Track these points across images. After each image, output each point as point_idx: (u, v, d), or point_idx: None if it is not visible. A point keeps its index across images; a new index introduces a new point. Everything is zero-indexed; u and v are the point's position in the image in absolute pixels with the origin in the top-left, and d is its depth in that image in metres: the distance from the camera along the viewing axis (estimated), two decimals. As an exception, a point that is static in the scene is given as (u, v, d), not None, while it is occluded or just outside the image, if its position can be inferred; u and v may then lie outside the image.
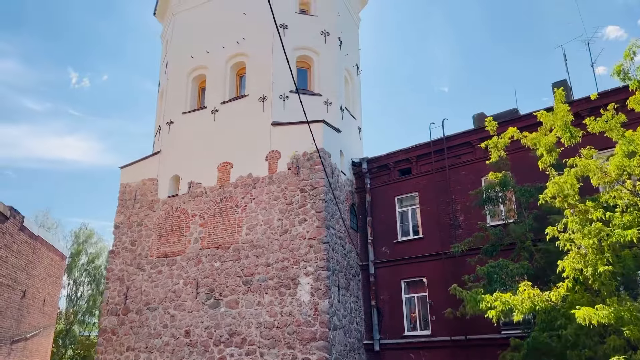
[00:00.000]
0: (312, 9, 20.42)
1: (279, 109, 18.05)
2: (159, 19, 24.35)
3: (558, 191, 8.54)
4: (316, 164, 16.53)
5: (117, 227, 19.31)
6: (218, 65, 19.88)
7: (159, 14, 24.04)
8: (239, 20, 19.77)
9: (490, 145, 11.73)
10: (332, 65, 19.56)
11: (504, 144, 11.52)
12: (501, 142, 11.52)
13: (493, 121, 11.70)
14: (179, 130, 19.77)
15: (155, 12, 24.11)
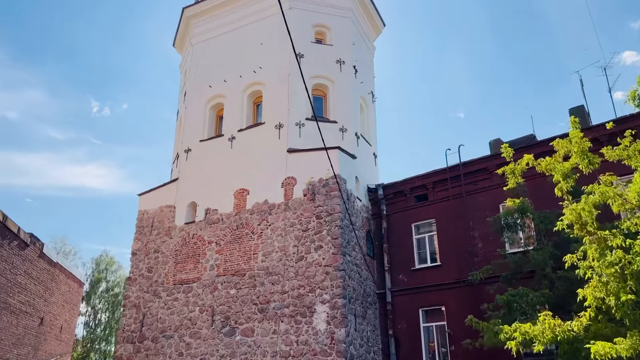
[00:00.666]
0: (328, 38, 20.79)
1: (294, 136, 18.22)
2: (178, 49, 24.99)
3: (575, 218, 8.37)
4: (332, 190, 16.56)
5: (134, 254, 19.45)
6: (235, 94, 20.24)
7: (178, 44, 24.69)
8: (256, 50, 20.20)
9: (507, 172, 11.62)
10: (348, 93, 19.76)
11: (520, 170, 11.40)
12: (518, 169, 11.41)
13: (509, 147, 11.63)
14: (196, 157, 20.03)
15: (174, 43, 24.77)
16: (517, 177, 11.51)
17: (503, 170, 11.78)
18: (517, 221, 13.49)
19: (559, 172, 9.48)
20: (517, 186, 11.86)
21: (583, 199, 8.65)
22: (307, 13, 20.50)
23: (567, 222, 8.63)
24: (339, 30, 20.89)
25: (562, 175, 9.43)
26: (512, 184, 11.63)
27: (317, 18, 20.73)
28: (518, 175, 11.51)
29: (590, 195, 8.59)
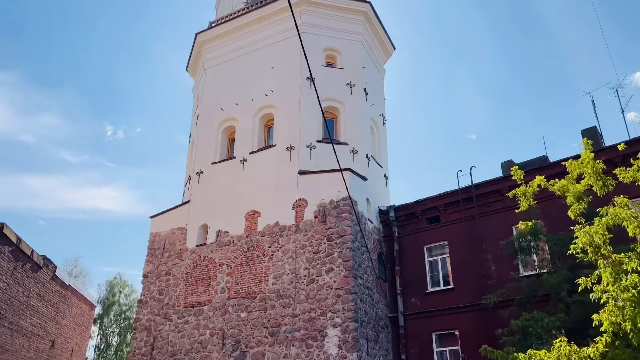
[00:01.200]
0: (338, 62, 21.01)
1: (305, 158, 18.28)
2: (191, 73, 25.41)
3: (589, 241, 8.22)
4: (343, 212, 16.52)
5: (146, 277, 19.47)
6: (247, 117, 20.45)
7: (191, 69, 25.11)
8: (268, 74, 20.47)
9: (519, 194, 11.53)
10: (358, 115, 19.87)
11: (532, 192, 11.30)
12: (529, 191, 11.30)
13: (521, 169, 11.55)
14: (208, 180, 20.16)
15: (187, 67, 25.21)
16: (529, 200, 11.39)
17: (514, 193, 11.68)
18: (530, 244, 13.30)
19: (572, 194, 9.36)
20: (530, 208, 11.73)
21: (596, 222, 8.51)
22: (318, 37, 20.78)
23: (580, 245, 8.48)
24: (350, 53, 21.11)
25: (576, 197, 9.31)
26: (524, 207, 11.51)
27: (328, 42, 21.00)
28: (530, 197, 11.39)
29: (604, 217, 8.44)
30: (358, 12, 21.87)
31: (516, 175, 11.43)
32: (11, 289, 19.41)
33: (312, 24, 20.91)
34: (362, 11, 21.92)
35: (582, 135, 16.60)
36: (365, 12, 21.98)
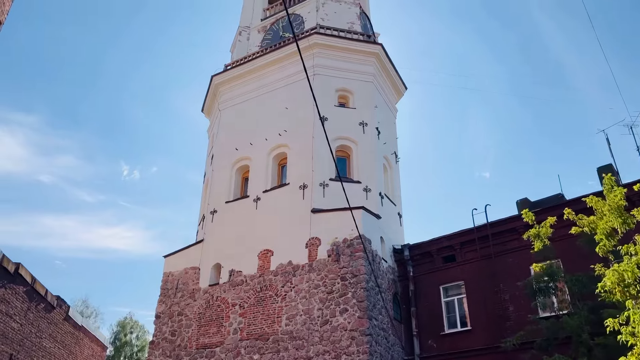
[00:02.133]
0: (351, 102, 21.32)
1: (319, 197, 18.32)
2: (206, 114, 25.92)
3: (618, 280, 7.97)
4: (357, 250, 16.37)
5: (158, 317, 19.29)
6: (261, 156, 20.67)
7: (207, 110, 25.63)
8: (281, 114, 20.81)
9: (532, 236, 11.40)
10: (371, 154, 19.98)
11: (546, 233, 11.16)
12: (543, 232, 11.17)
13: (536, 208, 11.45)
14: (222, 219, 20.22)
15: (203, 108, 25.74)
16: (543, 240, 11.24)
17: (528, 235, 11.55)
18: (549, 285, 12.97)
19: (601, 230, 9.18)
20: (545, 248, 11.55)
21: (626, 260, 8.28)
22: (331, 78, 21.20)
23: (609, 284, 8.19)
24: (362, 94, 21.44)
25: (605, 234, 9.12)
26: (538, 247, 11.35)
27: (341, 83, 21.38)
28: (544, 237, 11.24)
29: (634, 256, 8.22)
30: (370, 54, 22.33)
31: (527, 217, 11.34)
32: (24, 329, 19.34)
33: (325, 66, 21.36)
34: (374, 53, 22.38)
35: (598, 173, 16.45)
36: (377, 54, 22.44)
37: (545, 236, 11.16)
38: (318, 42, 21.57)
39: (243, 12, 27.50)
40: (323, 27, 22.59)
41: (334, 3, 24.05)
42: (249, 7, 27.25)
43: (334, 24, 23.01)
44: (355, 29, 23.41)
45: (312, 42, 21.49)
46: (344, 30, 22.82)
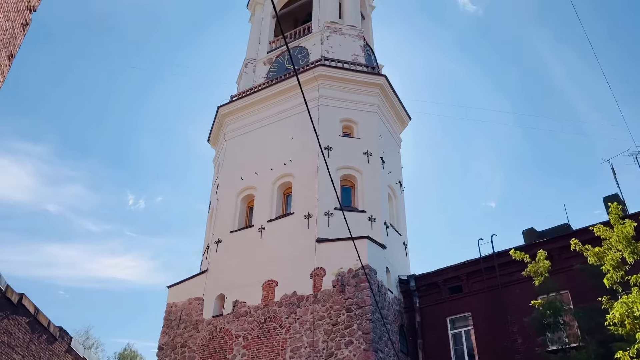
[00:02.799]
0: (355, 132, 21.48)
1: (323, 226, 18.27)
2: (212, 144, 26.15)
3: (627, 312, 7.82)
4: (362, 281, 16.20)
5: (161, 349, 19.02)
6: (266, 186, 20.74)
7: (213, 140, 25.87)
8: (286, 144, 20.97)
9: (531, 272, 11.35)
10: (375, 183, 20.00)
11: (544, 268, 11.10)
12: (542, 267, 11.11)
13: (541, 239, 11.38)
14: (226, 248, 20.15)
15: (209, 138, 25.99)
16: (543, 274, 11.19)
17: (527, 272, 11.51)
18: (557, 319, 12.74)
19: (609, 261, 9.07)
20: (548, 282, 11.46)
21: (634, 291, 8.14)
22: (335, 109, 21.44)
23: (617, 316, 8.03)
24: (366, 124, 21.62)
25: (613, 265, 9.01)
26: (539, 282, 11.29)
27: (345, 113, 21.59)
28: (544, 272, 11.19)
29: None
30: (374, 86, 22.62)
31: (517, 256, 11.34)
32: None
33: (330, 97, 21.64)
34: (378, 84, 22.68)
35: (604, 203, 16.37)
36: (381, 85, 22.73)
37: (545, 270, 11.09)
38: (323, 73, 21.91)
39: (249, 44, 28.08)
40: (328, 59, 22.99)
41: (338, 36, 24.52)
42: (255, 40, 27.84)
43: (338, 56, 23.41)
44: (360, 60, 23.79)
45: (317, 74, 21.83)
46: (348, 62, 23.19)
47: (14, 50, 6.59)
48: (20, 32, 6.49)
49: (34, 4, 6.74)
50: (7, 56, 6.28)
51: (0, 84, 6.39)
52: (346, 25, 25.26)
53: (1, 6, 5.84)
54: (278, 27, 28.31)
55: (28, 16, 6.64)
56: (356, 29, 25.22)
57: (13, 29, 6.29)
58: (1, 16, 5.92)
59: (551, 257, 12.91)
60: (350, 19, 25.95)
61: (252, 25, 29.42)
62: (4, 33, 6.09)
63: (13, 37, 6.49)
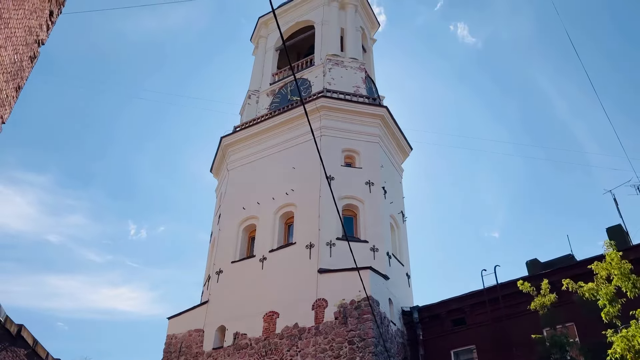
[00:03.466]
0: (357, 162, 21.60)
1: (325, 256, 18.16)
2: (215, 174, 26.28)
3: (627, 346, 7.72)
4: (364, 313, 15.99)
5: (160, 382, 18.67)
6: (267, 215, 20.73)
7: (215, 170, 26.01)
8: (289, 174, 21.07)
9: (537, 306, 11.23)
10: (378, 213, 19.98)
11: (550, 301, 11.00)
12: (547, 300, 11.02)
13: (545, 270, 11.32)
14: (227, 279, 20.00)
15: (212, 168, 26.14)
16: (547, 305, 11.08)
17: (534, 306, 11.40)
18: (563, 355, 12.50)
19: (604, 295, 8.99)
20: (553, 314, 11.33)
21: (633, 325, 8.06)
22: (337, 139, 21.62)
23: (618, 351, 7.94)
24: (368, 154, 21.76)
25: (608, 299, 8.92)
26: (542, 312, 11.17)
27: (347, 143, 21.77)
28: (548, 304, 11.08)
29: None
30: (375, 117, 22.87)
31: (523, 287, 11.24)
32: (21, 394, 18.72)
33: (331, 127, 21.87)
34: (379, 115, 22.93)
35: (607, 234, 16.30)
36: (382, 116, 22.98)
37: (550, 302, 10.99)
38: (325, 104, 22.20)
39: (252, 76, 28.58)
40: (330, 90, 23.32)
41: (340, 68, 24.93)
42: (258, 72, 28.36)
43: (340, 87, 23.76)
44: (361, 92, 24.13)
45: (319, 105, 22.11)
46: (350, 93, 23.52)
47: (21, 82, 6.73)
48: (28, 64, 6.64)
49: (43, 38, 6.92)
50: (15, 88, 6.41)
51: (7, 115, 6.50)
52: (348, 58, 25.73)
53: (10, 40, 6.00)
54: (281, 59, 28.88)
55: (36, 49, 6.80)
56: (357, 62, 25.68)
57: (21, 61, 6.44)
58: (10, 49, 6.07)
59: (556, 288, 12.77)
60: (351, 51, 26.46)
61: (256, 58, 30.01)
62: (12, 65, 6.23)
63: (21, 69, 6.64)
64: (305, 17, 29.07)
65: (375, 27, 32.21)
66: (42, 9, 6.75)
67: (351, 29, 27.82)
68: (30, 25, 6.48)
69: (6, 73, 6.13)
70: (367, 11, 31.20)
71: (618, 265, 9.15)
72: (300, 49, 29.50)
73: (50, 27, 7.02)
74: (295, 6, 29.72)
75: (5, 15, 5.80)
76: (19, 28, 6.14)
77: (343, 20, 28.20)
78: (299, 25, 29.13)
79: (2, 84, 6.10)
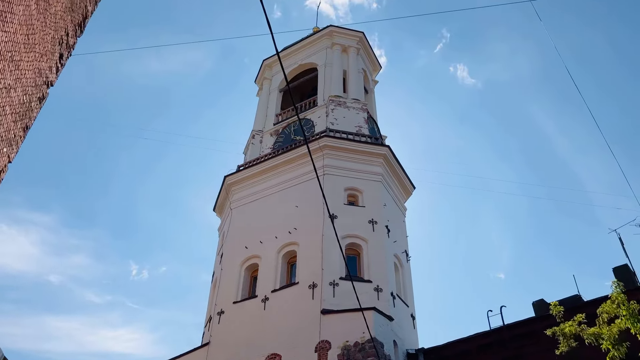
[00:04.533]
0: (360, 200, 21.63)
1: (329, 296, 17.92)
2: (218, 213, 26.29)
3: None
4: (369, 355, 15.62)
5: None
6: (270, 255, 20.60)
7: (218, 209, 26.04)
8: (291, 213, 21.06)
9: (558, 333, 10.82)
10: (381, 252, 19.82)
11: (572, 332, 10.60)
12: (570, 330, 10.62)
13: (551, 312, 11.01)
14: (229, 320, 19.68)
15: (214, 207, 26.18)
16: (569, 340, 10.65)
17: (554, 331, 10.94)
18: None
19: (608, 338, 8.79)
20: (570, 350, 10.93)
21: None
22: (340, 178, 21.73)
23: None
24: (371, 193, 21.80)
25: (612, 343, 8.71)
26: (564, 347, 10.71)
27: (350, 182, 21.87)
28: (570, 337, 10.66)
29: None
30: (378, 156, 23.05)
31: (555, 311, 10.81)
32: None
33: (334, 166, 22.02)
34: (381, 154, 23.12)
35: (614, 274, 16.06)
36: (384, 155, 23.16)
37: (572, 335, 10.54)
38: (328, 143, 22.44)
39: (257, 117, 29.05)
40: (332, 130, 23.62)
41: (342, 109, 25.33)
42: (262, 113, 28.85)
43: (342, 127, 24.07)
44: (363, 132, 24.41)
45: (322, 144, 22.34)
46: (353, 133, 23.81)
47: (29, 122, 6.86)
48: (37, 105, 6.79)
49: (52, 80, 7.10)
50: (22, 128, 6.53)
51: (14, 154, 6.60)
52: (350, 99, 26.18)
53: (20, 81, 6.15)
54: (285, 100, 29.42)
55: (45, 90, 6.97)
56: (360, 102, 26.11)
57: (30, 102, 6.59)
58: (20, 90, 6.22)
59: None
60: (354, 92, 26.95)
61: (260, 98, 30.61)
62: (21, 106, 6.37)
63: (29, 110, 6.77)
64: (308, 60, 29.81)
65: (377, 69, 32.92)
66: (53, 52, 6.95)
67: (353, 71, 28.44)
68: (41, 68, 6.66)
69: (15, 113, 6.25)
70: (369, 54, 31.97)
71: (626, 306, 8.98)
72: (304, 90, 30.10)
73: (60, 69, 7.21)
74: (299, 49, 30.55)
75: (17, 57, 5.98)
76: (29, 70, 6.31)
77: (345, 63, 28.88)
78: (303, 67, 29.86)
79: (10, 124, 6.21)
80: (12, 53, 5.84)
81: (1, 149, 6.07)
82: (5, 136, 6.10)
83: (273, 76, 30.84)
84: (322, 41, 30.02)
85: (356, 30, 30.74)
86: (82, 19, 7.75)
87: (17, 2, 5.80)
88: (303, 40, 30.87)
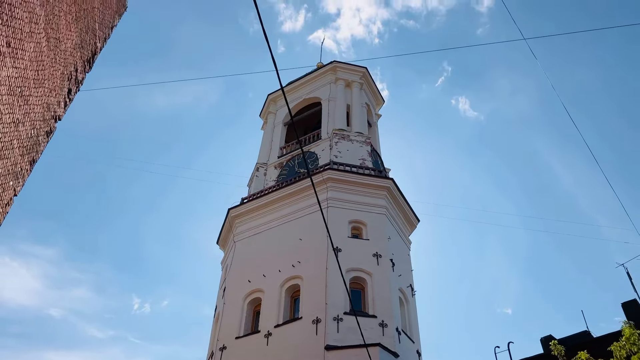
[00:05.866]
0: (364, 233, 21.49)
1: (332, 332, 17.58)
2: (221, 246, 26.14)
3: None
4: (374, 394, 15.21)
5: None
6: (273, 288, 20.34)
7: (222, 242, 25.91)
8: (295, 245, 20.92)
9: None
10: (386, 286, 19.55)
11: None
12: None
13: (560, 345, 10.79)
14: (231, 356, 19.28)
15: (218, 240, 26.05)
16: None
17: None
18: None
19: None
20: None
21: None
22: (344, 211, 21.66)
23: None
24: (375, 225, 21.68)
25: None
26: None
27: (353, 215, 21.78)
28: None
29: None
30: (382, 188, 23.04)
31: (556, 351, 10.64)
32: None
33: (338, 199, 21.99)
34: (385, 187, 23.11)
35: (623, 309, 15.77)
36: (388, 187, 23.15)
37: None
38: (331, 176, 22.48)
39: (261, 150, 29.28)
40: (336, 163, 23.71)
41: (346, 142, 25.50)
42: (266, 146, 29.08)
43: (346, 160, 24.17)
44: (367, 164, 24.49)
45: (325, 177, 22.39)
46: (356, 166, 23.89)
47: (36, 156, 6.94)
48: (44, 139, 6.88)
49: (60, 114, 7.21)
50: (29, 162, 6.59)
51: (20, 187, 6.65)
52: (354, 132, 26.39)
53: (28, 115, 6.25)
54: (289, 133, 29.70)
55: (53, 125, 7.07)
56: (363, 136, 26.30)
57: (37, 136, 6.67)
58: (28, 124, 6.32)
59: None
60: (357, 126, 27.19)
61: (264, 132, 30.92)
62: (29, 140, 6.45)
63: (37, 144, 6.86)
64: (312, 95, 30.25)
65: (380, 103, 33.30)
66: (62, 87, 7.09)
67: (357, 105, 28.78)
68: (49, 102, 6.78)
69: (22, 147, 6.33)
70: (372, 89, 32.41)
71: (637, 343, 8.79)
72: (308, 123, 30.40)
73: (68, 104, 7.34)
74: (303, 84, 31.04)
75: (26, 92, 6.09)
76: (38, 105, 6.42)
77: (349, 97, 29.27)
78: (307, 101, 30.28)
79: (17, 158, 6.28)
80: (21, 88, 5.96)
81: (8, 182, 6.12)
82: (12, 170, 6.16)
83: (278, 110, 31.24)
84: (326, 76, 30.52)
85: (359, 66, 31.30)
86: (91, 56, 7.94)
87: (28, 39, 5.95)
88: (307, 75, 31.40)
